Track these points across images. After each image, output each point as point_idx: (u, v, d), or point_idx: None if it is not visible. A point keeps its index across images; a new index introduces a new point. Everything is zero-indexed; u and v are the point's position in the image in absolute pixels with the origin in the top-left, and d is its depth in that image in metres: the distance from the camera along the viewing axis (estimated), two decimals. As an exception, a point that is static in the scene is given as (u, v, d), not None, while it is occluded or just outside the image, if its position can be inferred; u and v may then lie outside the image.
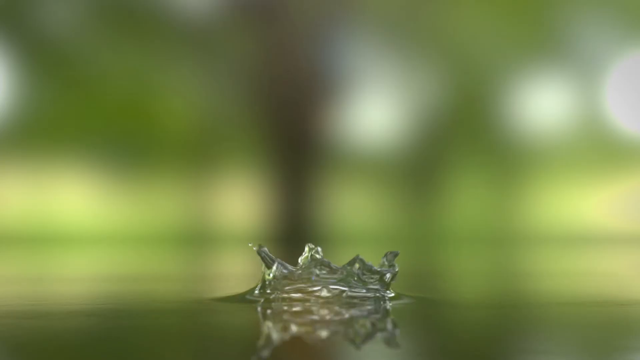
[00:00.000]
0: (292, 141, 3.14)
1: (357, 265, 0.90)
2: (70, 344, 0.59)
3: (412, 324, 0.71)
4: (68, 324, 0.70)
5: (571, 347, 0.57)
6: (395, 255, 0.91)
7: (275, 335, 0.63)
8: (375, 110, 3.13)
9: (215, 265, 1.67)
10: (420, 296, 0.97)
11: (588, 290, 1.02)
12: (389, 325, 0.69)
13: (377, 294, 0.90)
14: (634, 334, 0.63)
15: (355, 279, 0.90)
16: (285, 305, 0.87)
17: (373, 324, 0.70)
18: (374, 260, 1.72)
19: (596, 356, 0.53)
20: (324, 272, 0.90)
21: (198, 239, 2.92)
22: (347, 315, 0.78)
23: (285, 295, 0.89)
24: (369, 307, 0.85)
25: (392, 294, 0.91)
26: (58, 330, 0.66)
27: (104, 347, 0.57)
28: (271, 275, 0.91)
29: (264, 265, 0.91)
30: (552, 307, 0.84)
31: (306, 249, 0.90)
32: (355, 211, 2.87)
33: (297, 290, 0.90)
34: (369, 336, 0.62)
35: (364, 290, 0.90)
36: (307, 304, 0.88)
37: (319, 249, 0.92)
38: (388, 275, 0.90)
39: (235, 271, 1.46)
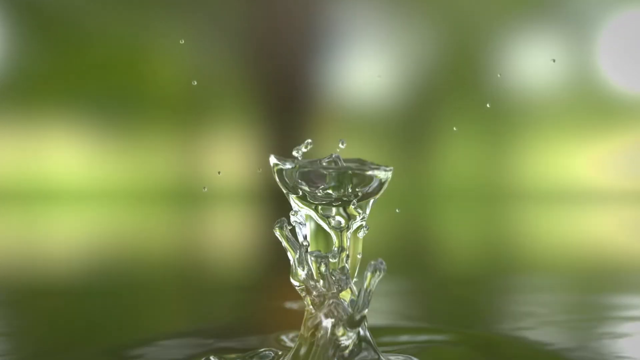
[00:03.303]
0: (283, 97, 3.12)
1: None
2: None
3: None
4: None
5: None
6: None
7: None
8: (367, 67, 3.11)
9: (207, 224, 1.67)
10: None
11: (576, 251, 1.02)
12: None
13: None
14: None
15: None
16: None
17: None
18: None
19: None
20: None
21: (189, 196, 2.92)
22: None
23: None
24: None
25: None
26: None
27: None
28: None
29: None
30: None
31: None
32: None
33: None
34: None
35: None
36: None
37: None
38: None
39: (229, 230, 1.46)
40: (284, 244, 0.63)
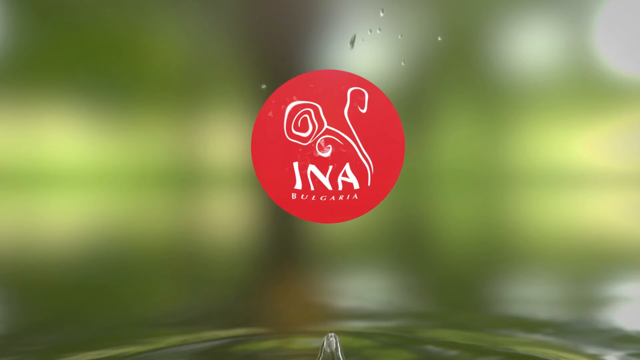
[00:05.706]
0: (281, 78, 3.12)
1: None
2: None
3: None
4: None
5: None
6: None
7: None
8: (364, 47, 3.10)
9: (205, 206, 1.67)
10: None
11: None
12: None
13: None
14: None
15: None
16: None
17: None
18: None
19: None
20: None
21: (187, 178, 2.92)
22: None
23: None
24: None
25: None
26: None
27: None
28: None
29: None
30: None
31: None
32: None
33: None
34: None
35: None
36: None
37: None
38: None
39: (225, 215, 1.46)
40: None
